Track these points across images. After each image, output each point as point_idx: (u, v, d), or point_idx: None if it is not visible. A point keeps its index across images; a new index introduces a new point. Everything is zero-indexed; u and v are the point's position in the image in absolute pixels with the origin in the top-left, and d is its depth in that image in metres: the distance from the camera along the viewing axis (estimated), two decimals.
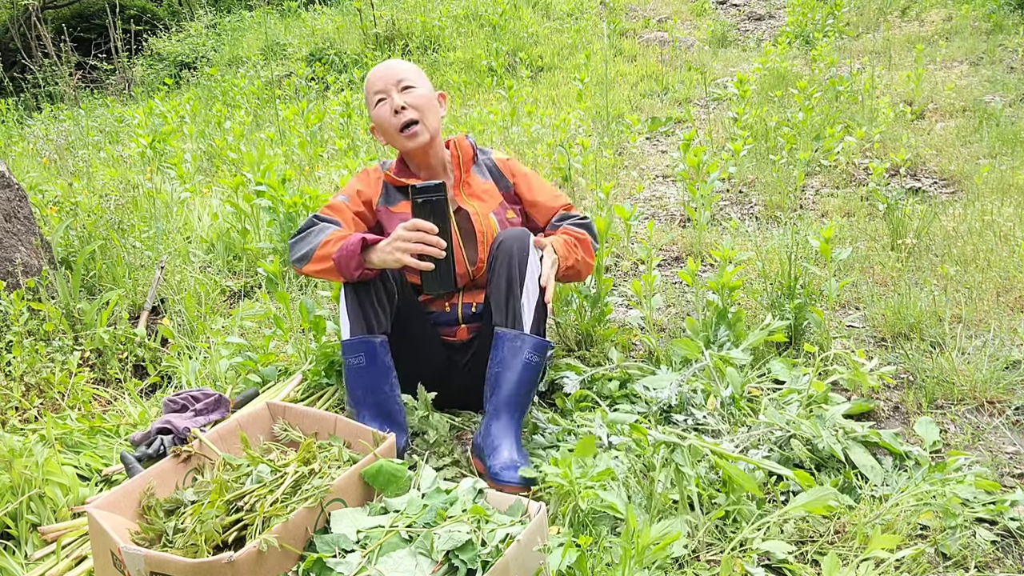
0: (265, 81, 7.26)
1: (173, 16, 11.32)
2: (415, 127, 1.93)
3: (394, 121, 1.92)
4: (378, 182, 2.06)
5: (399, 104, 1.91)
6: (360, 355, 1.84)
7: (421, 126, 1.93)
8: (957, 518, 1.49)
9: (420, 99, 1.93)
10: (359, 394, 1.83)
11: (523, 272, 1.83)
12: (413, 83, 1.95)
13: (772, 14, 8.19)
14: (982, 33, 6.21)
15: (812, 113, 4.34)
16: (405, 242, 1.74)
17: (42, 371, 2.18)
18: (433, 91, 2.01)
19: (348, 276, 1.81)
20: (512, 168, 2.11)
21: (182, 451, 1.58)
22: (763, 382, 2.09)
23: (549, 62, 7.19)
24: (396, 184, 2.03)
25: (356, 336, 1.83)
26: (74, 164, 4.94)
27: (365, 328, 1.84)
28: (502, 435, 1.75)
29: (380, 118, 1.95)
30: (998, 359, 2.08)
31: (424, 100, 1.94)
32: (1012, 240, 2.83)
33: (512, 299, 1.83)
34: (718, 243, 2.97)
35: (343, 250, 1.79)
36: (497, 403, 1.79)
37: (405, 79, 1.94)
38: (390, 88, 1.93)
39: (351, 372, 1.84)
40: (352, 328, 1.85)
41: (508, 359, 1.80)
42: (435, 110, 1.98)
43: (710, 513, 1.53)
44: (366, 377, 1.83)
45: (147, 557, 1.24)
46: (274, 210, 3.06)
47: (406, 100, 1.92)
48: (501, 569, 1.24)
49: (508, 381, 1.79)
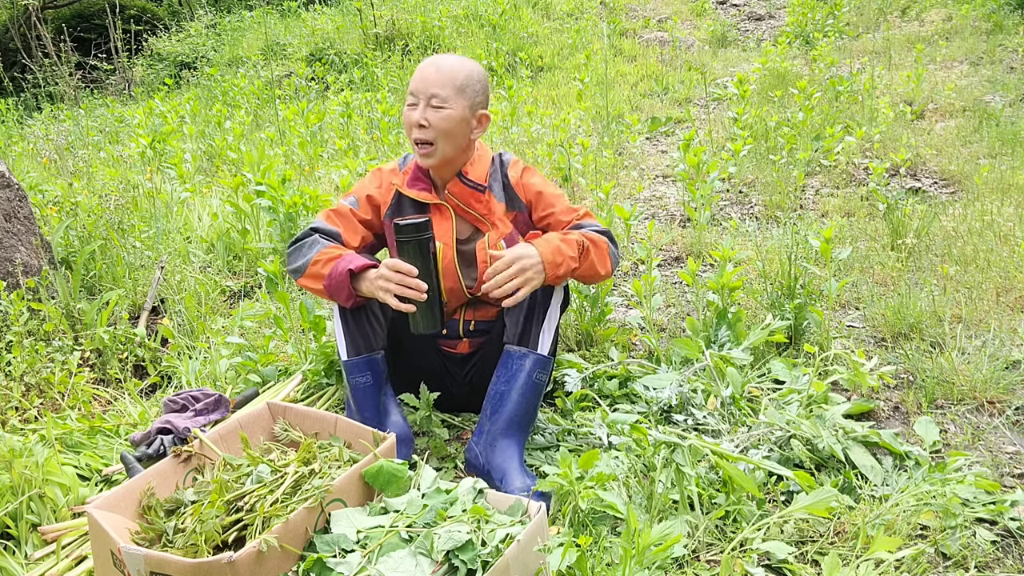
0: (265, 81, 7.25)
1: (173, 16, 11.31)
2: (427, 148, 1.82)
3: (414, 132, 1.83)
4: (390, 190, 1.95)
5: (419, 120, 1.80)
6: (367, 374, 1.82)
7: (433, 148, 1.82)
8: (957, 518, 1.49)
9: (443, 122, 1.79)
10: (368, 415, 1.82)
11: (548, 296, 1.82)
12: (445, 102, 1.79)
13: (772, 14, 8.19)
14: (982, 33, 6.21)
15: (812, 113, 4.34)
16: (387, 282, 1.70)
17: (42, 371, 2.18)
18: (470, 112, 1.83)
19: (341, 303, 1.79)
20: (526, 188, 1.94)
21: (182, 451, 1.58)
22: (763, 382, 2.09)
23: (549, 62, 7.19)
24: (408, 197, 1.93)
25: (360, 356, 1.82)
26: (74, 164, 4.93)
27: (365, 346, 1.83)
28: (507, 458, 1.73)
29: (405, 120, 1.87)
30: (998, 359, 2.08)
31: (448, 124, 1.80)
32: (1012, 240, 2.83)
33: (532, 320, 1.80)
34: (718, 243, 2.97)
35: (332, 278, 1.76)
36: (500, 422, 1.77)
37: (438, 95, 1.79)
38: (421, 97, 1.81)
39: (359, 392, 1.83)
40: (351, 347, 1.83)
41: (516, 376, 1.78)
42: (459, 134, 1.83)
43: (710, 513, 1.53)
44: (375, 397, 1.82)
45: (147, 557, 1.24)
46: (274, 210, 3.06)
47: (428, 118, 1.79)
48: (501, 569, 1.24)
49: (513, 401, 1.77)
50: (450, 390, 2.03)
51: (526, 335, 1.81)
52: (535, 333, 1.81)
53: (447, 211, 1.91)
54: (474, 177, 1.90)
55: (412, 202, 1.93)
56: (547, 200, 1.93)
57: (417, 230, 1.70)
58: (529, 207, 1.94)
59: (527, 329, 1.81)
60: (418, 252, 1.71)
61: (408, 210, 1.93)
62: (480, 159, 1.93)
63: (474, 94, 1.83)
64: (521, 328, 1.81)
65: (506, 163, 1.97)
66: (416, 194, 1.91)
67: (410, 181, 1.93)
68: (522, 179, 1.95)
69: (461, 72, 1.82)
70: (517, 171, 1.96)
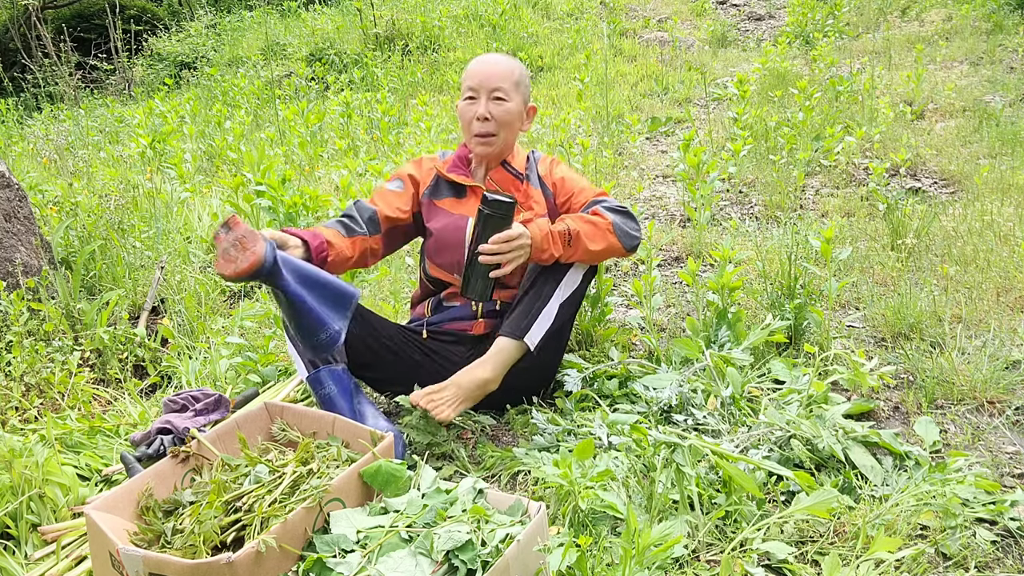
0: (265, 81, 7.25)
1: (173, 16, 11.31)
2: (490, 139, 1.98)
3: (475, 125, 1.97)
4: (431, 172, 2.09)
5: (483, 113, 1.95)
6: (329, 384, 1.87)
7: (495, 139, 1.98)
8: (957, 518, 1.48)
9: (506, 115, 1.95)
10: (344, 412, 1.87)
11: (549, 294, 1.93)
12: (506, 96, 1.95)
13: (772, 14, 8.19)
14: (982, 33, 6.21)
15: (812, 113, 4.34)
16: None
17: (42, 371, 2.18)
18: (523, 105, 2.02)
19: None
20: (552, 176, 2.09)
21: (180, 451, 1.58)
22: (763, 382, 2.09)
23: (549, 62, 7.19)
24: (447, 179, 2.07)
25: (316, 370, 1.87)
26: (74, 164, 4.93)
27: (322, 360, 1.88)
28: None
29: (463, 113, 1.99)
30: (998, 359, 2.07)
31: (510, 117, 1.97)
32: (1012, 240, 2.82)
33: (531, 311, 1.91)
34: (718, 243, 2.97)
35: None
36: None
37: (500, 89, 1.95)
38: (482, 92, 1.95)
39: (327, 403, 1.87)
40: (306, 364, 1.89)
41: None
42: (516, 126, 2.01)
43: (710, 513, 1.53)
44: (348, 402, 1.87)
45: (145, 558, 1.24)
46: (274, 210, 3.06)
47: (492, 111, 1.95)
48: (501, 569, 1.24)
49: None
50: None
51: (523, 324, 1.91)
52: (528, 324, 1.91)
53: (481, 195, 2.03)
54: (516, 166, 2.07)
55: (450, 184, 2.07)
56: (568, 185, 2.07)
57: (503, 208, 1.82)
58: (554, 193, 2.08)
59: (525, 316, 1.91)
60: (495, 228, 1.83)
61: (445, 190, 2.07)
62: (519, 153, 2.10)
63: (526, 89, 2.04)
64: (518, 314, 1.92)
65: (537, 159, 2.14)
66: (456, 176, 2.06)
67: (450, 167, 2.08)
68: (550, 170, 2.11)
69: (517, 69, 2.01)
70: (546, 164, 2.12)
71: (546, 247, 1.88)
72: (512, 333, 1.90)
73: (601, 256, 1.97)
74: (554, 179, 2.08)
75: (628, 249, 1.97)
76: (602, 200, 2.02)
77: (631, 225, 1.98)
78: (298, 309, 1.65)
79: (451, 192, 2.07)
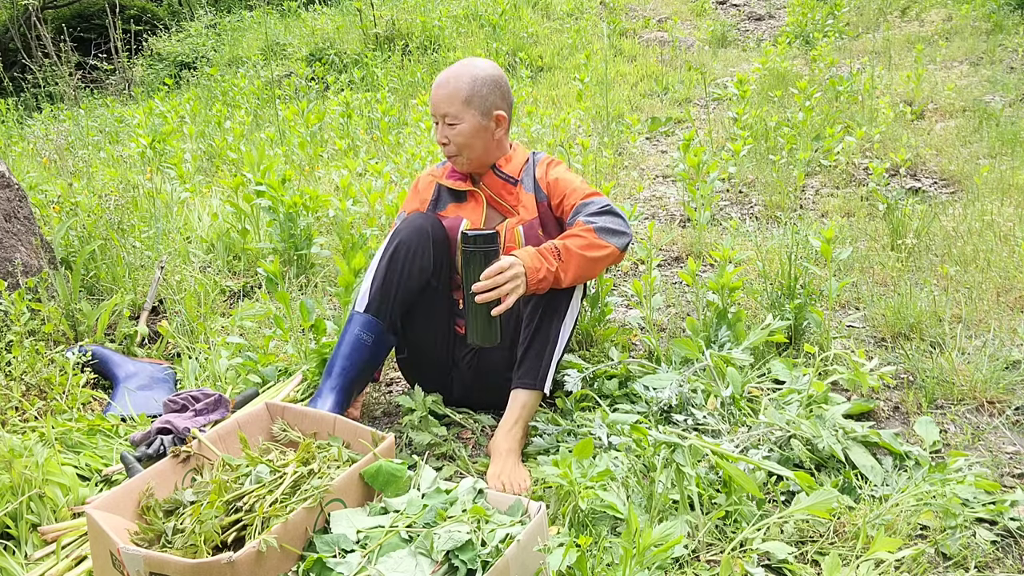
0: (265, 81, 7.25)
1: (173, 16, 11.31)
2: (456, 158, 2.00)
3: (440, 148, 2.02)
4: (429, 187, 2.12)
5: (440, 139, 1.98)
6: (371, 335, 1.92)
7: (462, 158, 1.99)
8: (957, 518, 1.48)
9: (460, 136, 1.95)
10: (347, 365, 1.90)
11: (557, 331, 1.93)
12: (456, 118, 1.94)
13: (772, 14, 8.19)
14: (982, 33, 6.21)
15: (812, 113, 4.34)
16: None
17: (42, 371, 2.18)
18: (484, 117, 1.95)
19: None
20: (547, 177, 2.05)
21: (181, 451, 1.58)
22: (763, 382, 2.09)
23: (549, 62, 7.19)
24: (446, 187, 2.10)
25: (380, 320, 1.92)
26: (74, 164, 4.93)
27: (388, 323, 1.93)
28: None
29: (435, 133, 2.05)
30: (998, 359, 2.07)
31: (464, 138, 1.95)
32: (1012, 240, 2.83)
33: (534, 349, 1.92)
34: (718, 243, 2.97)
35: None
36: None
37: (448, 114, 1.94)
38: (437, 117, 1.98)
39: (353, 344, 1.91)
40: (374, 305, 1.93)
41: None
42: (478, 140, 1.97)
43: (710, 513, 1.53)
44: (366, 357, 1.91)
45: (146, 558, 1.24)
46: (274, 210, 3.06)
47: (448, 135, 1.96)
48: (501, 569, 1.24)
49: None
50: (452, 385, 2.08)
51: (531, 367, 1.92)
52: (538, 366, 1.92)
53: (480, 199, 2.06)
54: (508, 170, 2.05)
55: (449, 191, 2.10)
56: (561, 186, 2.04)
57: (485, 241, 1.75)
58: (548, 195, 2.06)
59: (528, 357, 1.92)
60: (483, 263, 1.75)
61: (446, 198, 2.10)
62: (516, 155, 2.08)
63: (482, 101, 1.94)
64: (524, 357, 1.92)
65: (538, 160, 2.11)
66: (452, 183, 2.07)
67: (448, 174, 2.10)
68: (546, 172, 2.07)
69: (464, 85, 1.93)
70: (543, 166, 2.09)
71: (539, 265, 1.80)
72: (532, 385, 1.89)
73: (596, 263, 1.89)
74: (548, 180, 2.04)
75: (620, 248, 1.91)
76: (588, 203, 1.96)
77: (615, 222, 1.92)
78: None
79: (452, 198, 2.09)
